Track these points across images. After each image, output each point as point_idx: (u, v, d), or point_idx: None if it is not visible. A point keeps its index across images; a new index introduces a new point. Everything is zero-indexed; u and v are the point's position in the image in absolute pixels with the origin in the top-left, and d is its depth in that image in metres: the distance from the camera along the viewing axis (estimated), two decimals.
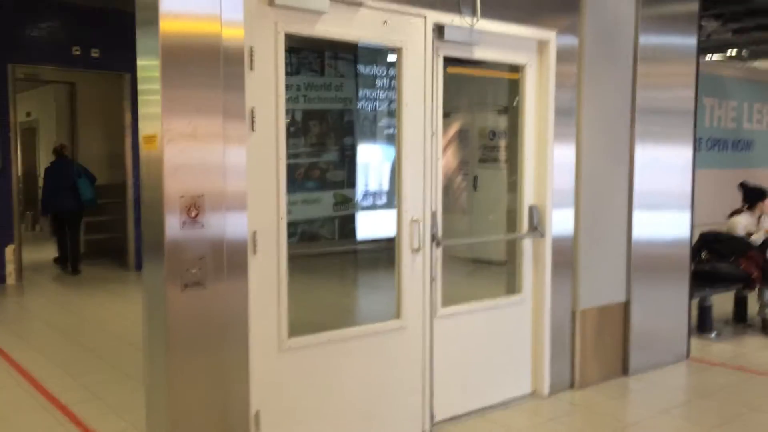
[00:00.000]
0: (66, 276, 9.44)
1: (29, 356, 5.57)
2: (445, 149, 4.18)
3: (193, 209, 3.01)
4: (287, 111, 3.38)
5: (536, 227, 4.52)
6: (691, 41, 5.33)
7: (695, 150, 5.47)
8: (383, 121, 12.38)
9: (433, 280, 4.01)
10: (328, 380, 3.61)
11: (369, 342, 3.76)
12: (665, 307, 5.35)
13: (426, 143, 3.93)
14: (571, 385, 4.79)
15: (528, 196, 4.53)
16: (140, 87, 3.08)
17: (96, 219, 10.67)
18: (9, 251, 8.61)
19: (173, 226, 2.96)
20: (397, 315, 3.89)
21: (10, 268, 8.62)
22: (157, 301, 3.02)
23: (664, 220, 5.28)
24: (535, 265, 4.59)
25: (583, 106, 4.66)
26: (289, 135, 12.51)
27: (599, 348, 4.94)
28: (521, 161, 4.52)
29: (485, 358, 4.38)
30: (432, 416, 4.07)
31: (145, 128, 3.03)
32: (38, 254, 10.85)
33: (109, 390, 4.76)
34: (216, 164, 3.07)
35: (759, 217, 6.65)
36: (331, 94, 12.43)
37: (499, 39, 4.24)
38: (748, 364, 5.38)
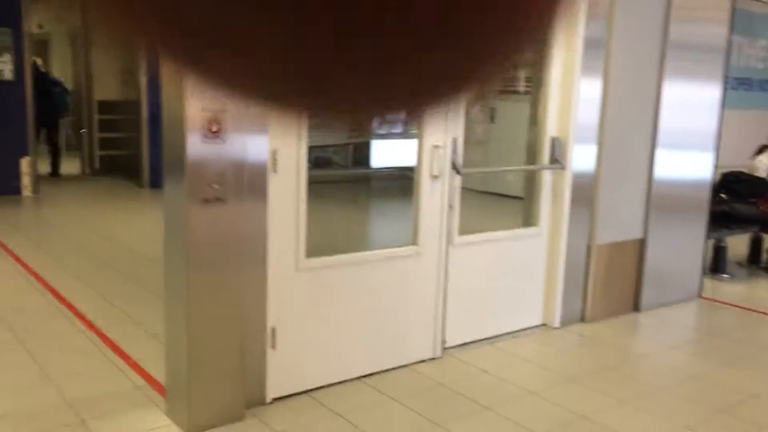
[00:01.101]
0: (80, 189, 9.51)
1: (49, 268, 5.65)
2: None
3: (215, 124, 2.97)
4: None
5: (557, 159, 4.47)
6: None
7: (724, 90, 5.34)
8: None
9: (451, 207, 3.99)
10: (342, 301, 3.64)
11: (385, 266, 3.77)
12: (681, 246, 5.34)
13: None
14: (582, 319, 4.83)
15: (551, 128, 4.46)
16: None
17: (109, 135, 10.65)
18: (24, 163, 8.63)
19: (195, 141, 2.92)
20: (414, 241, 3.89)
21: (25, 180, 8.65)
22: (177, 216, 3.02)
23: (687, 160, 5.21)
24: (553, 199, 4.56)
25: (614, 37, 4.52)
26: None
27: (612, 283, 4.95)
28: (546, 92, 4.43)
29: (498, 288, 4.41)
30: (443, 341, 4.13)
31: None
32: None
33: (132, 305, 4.83)
34: None
35: None
36: None
37: None
38: (759, 306, 5.40)
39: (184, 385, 3.13)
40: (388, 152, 8.01)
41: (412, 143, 3.85)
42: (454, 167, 3.93)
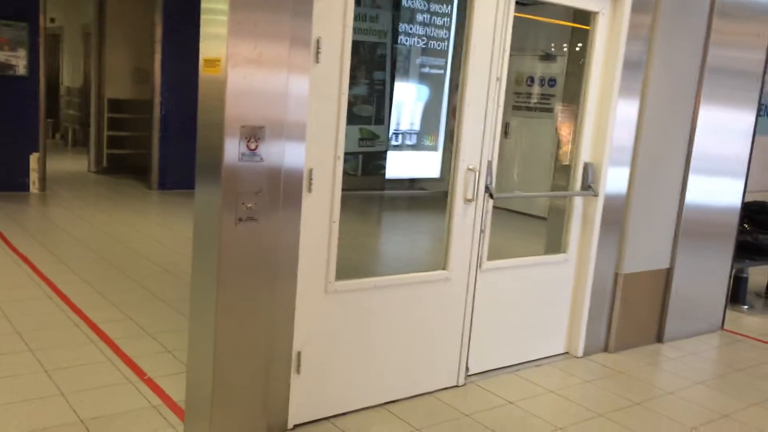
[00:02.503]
0: (89, 189, 9.37)
1: (56, 269, 5.52)
2: None
3: (253, 141, 2.85)
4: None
5: (590, 186, 4.35)
6: None
7: (758, 115, 5.23)
8: (419, 59, 11.97)
9: (482, 232, 3.87)
10: (370, 326, 3.51)
11: (413, 291, 3.64)
12: (707, 276, 5.22)
13: (490, 89, 3.72)
14: (605, 349, 4.71)
15: (585, 151, 4.34)
16: (204, 5, 2.87)
17: (118, 134, 10.52)
18: (33, 159, 8.50)
19: (232, 156, 2.80)
20: (444, 266, 3.76)
21: (33, 176, 8.52)
22: (209, 233, 2.89)
23: (718, 187, 5.09)
24: (583, 224, 4.43)
25: (653, 60, 4.41)
26: None
27: (637, 313, 4.83)
28: (582, 115, 4.31)
29: (523, 315, 4.28)
30: (467, 369, 4.00)
31: (207, 50, 2.83)
32: (59, 164, 10.76)
33: (145, 316, 4.69)
34: (279, 94, 2.89)
35: None
36: (365, 24, 12.06)
37: None
38: None
39: (206, 407, 3.00)
40: (399, 163, 7.88)
41: (426, 155, 3.70)
42: (488, 191, 3.81)
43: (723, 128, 4.96)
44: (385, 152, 11.61)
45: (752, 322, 5.75)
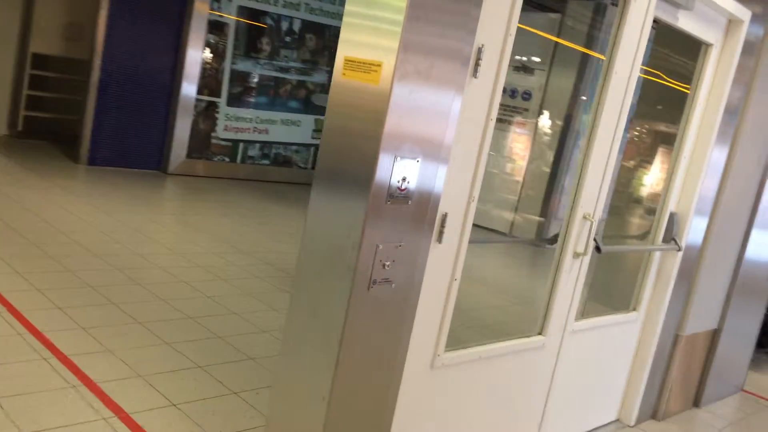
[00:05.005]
0: (4, 158, 8.01)
1: None
2: None
3: (404, 179, 2.10)
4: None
5: (674, 238, 3.85)
6: None
7: None
8: None
9: (576, 291, 3.27)
10: (466, 406, 2.83)
11: (509, 361, 2.99)
12: (746, 337, 4.89)
13: (620, 118, 3.11)
14: (653, 416, 4.25)
15: (673, 200, 3.83)
16: None
17: (40, 94, 9.13)
18: None
19: (378, 201, 2.04)
20: (541, 330, 3.13)
21: None
22: (329, 297, 2.11)
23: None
24: (657, 279, 3.93)
25: (750, 106, 3.96)
26: (283, 45, 11.19)
27: (687, 377, 4.40)
28: (676, 159, 3.79)
29: (589, 380, 3.73)
30: None
31: (358, 49, 2.05)
32: None
33: (108, 334, 3.76)
34: (440, 119, 2.15)
35: None
36: (335, 8, 11.07)
37: (699, 6, 3.43)
38: None
39: None
40: None
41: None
42: (596, 243, 3.21)
43: None
44: None
45: (762, 381, 5.49)
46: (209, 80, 8.82)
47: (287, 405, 2.27)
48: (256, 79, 9.23)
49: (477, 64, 2.29)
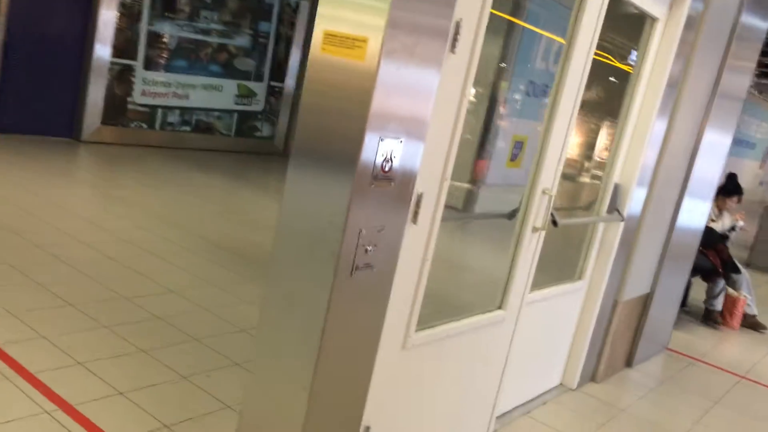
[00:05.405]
0: None
1: None
2: None
3: (388, 159, 2.01)
4: None
5: (617, 209, 3.94)
6: (763, 25, 4.90)
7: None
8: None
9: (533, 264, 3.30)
10: (433, 385, 2.82)
11: (472, 336, 2.99)
12: (673, 299, 5.11)
13: (578, 98, 3.11)
14: (592, 378, 4.39)
15: (617, 171, 3.91)
16: None
17: None
18: None
19: (363, 182, 1.95)
20: (501, 304, 3.14)
21: None
22: (310, 285, 2.02)
23: (698, 208, 4.96)
24: (600, 249, 4.03)
25: (688, 80, 4.07)
26: (203, 6, 10.68)
27: (621, 340, 4.57)
28: (620, 132, 3.86)
29: (538, 349, 3.81)
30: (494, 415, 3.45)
31: (340, 22, 1.93)
32: None
33: (62, 332, 3.54)
34: (423, 97, 2.07)
35: (721, 211, 6.63)
36: None
37: None
38: (722, 362, 5.34)
39: None
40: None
41: None
42: (552, 217, 3.23)
43: (713, 151, 4.80)
44: (261, 113, 10.55)
45: (678, 338, 5.77)
46: (124, 42, 8.34)
47: (265, 395, 2.18)
48: (175, 42, 8.80)
49: (455, 39, 2.22)
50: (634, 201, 4.05)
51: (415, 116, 2.07)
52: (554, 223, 3.24)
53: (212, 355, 3.59)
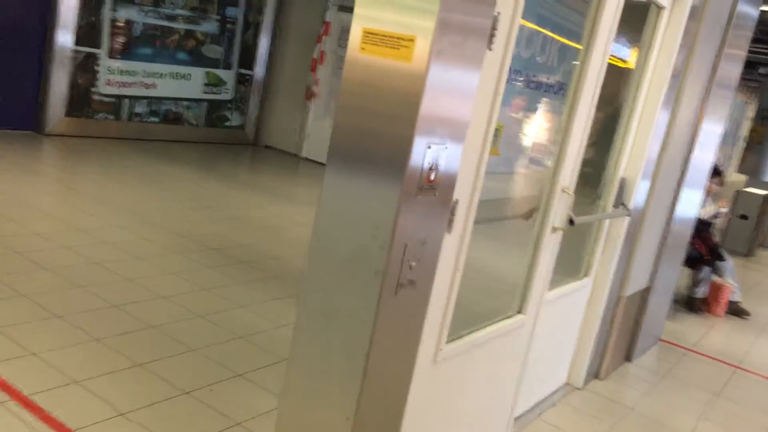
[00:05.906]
0: None
1: None
2: None
3: (434, 168, 1.86)
4: None
5: (623, 204, 3.85)
6: (755, 13, 4.86)
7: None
8: None
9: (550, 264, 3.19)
10: (455, 395, 2.69)
11: (495, 343, 2.87)
12: (667, 291, 5.08)
13: (596, 92, 3.00)
14: (596, 375, 4.33)
15: (623, 165, 3.82)
16: None
17: None
18: None
19: (409, 196, 1.80)
20: (521, 309, 3.02)
21: None
22: (358, 313, 1.86)
23: (694, 198, 4.93)
24: (605, 245, 3.94)
25: (690, 70, 3.99)
26: None
27: (622, 335, 4.51)
28: (627, 124, 3.76)
29: (548, 349, 3.71)
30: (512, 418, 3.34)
31: (382, 21, 1.76)
32: None
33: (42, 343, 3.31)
34: (466, 99, 1.92)
35: (707, 195, 6.63)
36: None
37: None
38: (721, 354, 5.35)
39: None
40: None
41: None
42: (570, 218, 3.12)
43: (709, 140, 4.76)
44: (230, 101, 10.24)
45: (672, 329, 5.77)
46: (87, 29, 7.96)
47: (300, 427, 2.02)
48: (140, 28, 8.46)
49: (492, 35, 2.07)
50: (638, 194, 3.97)
51: (458, 119, 1.92)
52: (571, 222, 3.13)
53: (212, 366, 3.41)
